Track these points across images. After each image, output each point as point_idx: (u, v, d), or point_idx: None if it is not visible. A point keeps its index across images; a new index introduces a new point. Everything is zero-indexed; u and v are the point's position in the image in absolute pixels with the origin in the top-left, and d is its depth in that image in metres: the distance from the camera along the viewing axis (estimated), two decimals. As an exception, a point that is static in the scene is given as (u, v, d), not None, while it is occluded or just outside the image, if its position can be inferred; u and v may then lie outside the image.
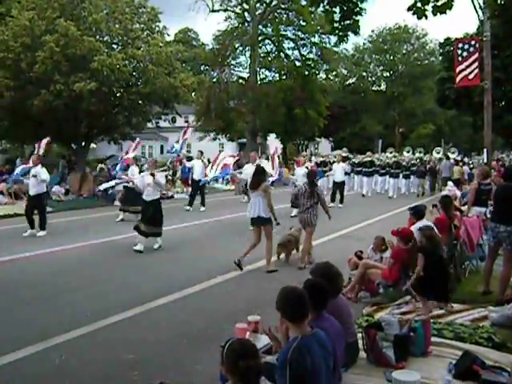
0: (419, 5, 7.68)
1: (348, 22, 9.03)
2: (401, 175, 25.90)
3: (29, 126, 25.41)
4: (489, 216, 7.98)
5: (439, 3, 7.66)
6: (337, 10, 8.98)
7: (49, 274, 9.05)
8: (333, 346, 3.66)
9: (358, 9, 8.95)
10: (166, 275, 9.05)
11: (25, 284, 8.39)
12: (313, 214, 9.62)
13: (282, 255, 10.04)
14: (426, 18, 7.90)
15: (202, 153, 19.80)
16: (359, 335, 4.99)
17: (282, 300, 3.64)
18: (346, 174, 22.71)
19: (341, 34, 9.41)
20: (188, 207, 18.27)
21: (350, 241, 11.99)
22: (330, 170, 25.56)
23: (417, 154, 31.36)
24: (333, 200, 19.57)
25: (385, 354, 4.75)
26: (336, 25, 9.20)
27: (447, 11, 7.70)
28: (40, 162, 13.44)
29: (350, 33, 9.47)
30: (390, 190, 24.94)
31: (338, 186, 20.33)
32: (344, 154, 27.21)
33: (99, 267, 9.61)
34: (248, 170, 14.15)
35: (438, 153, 30.60)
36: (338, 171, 20.62)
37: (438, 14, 7.76)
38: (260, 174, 9.87)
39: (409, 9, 7.88)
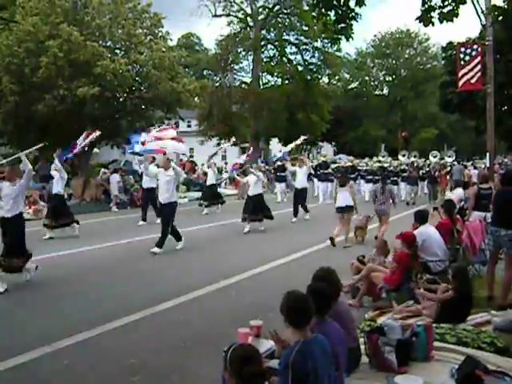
0: (425, 12, 7.72)
1: (342, 25, 9.06)
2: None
3: (32, 131, 25.46)
4: (489, 221, 7.96)
5: (445, 10, 7.69)
6: (332, 13, 9.02)
7: (50, 279, 9.06)
8: (335, 351, 3.66)
9: (353, 14, 8.98)
10: (169, 279, 9.05)
11: (26, 288, 8.41)
12: (387, 205, 12.24)
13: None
14: (433, 25, 7.95)
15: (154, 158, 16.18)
16: (361, 340, 4.99)
17: (287, 304, 3.64)
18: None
19: (334, 36, 9.48)
20: (141, 222, 16.13)
21: (352, 245, 12.00)
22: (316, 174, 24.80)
23: (412, 159, 29.67)
24: (295, 213, 16.74)
25: (387, 359, 4.74)
26: (330, 27, 9.26)
27: (454, 19, 7.74)
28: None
29: (342, 37, 9.53)
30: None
31: (300, 194, 17.11)
32: (323, 158, 26.67)
33: (101, 272, 9.62)
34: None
35: (435, 157, 29.93)
36: (300, 176, 17.35)
37: (445, 21, 7.80)
38: (344, 174, 15.72)
39: (417, 19, 7.93)
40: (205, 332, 6.20)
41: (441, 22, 7.83)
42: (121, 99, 26.72)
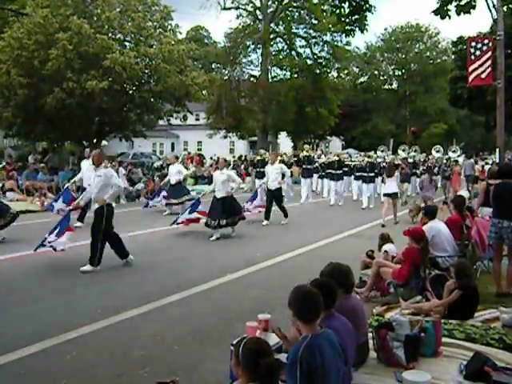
0: (443, 5, 7.70)
1: (356, 16, 9.04)
2: (377, 179, 21.05)
3: (41, 124, 25.61)
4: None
5: (462, 3, 7.66)
6: (345, 5, 9.00)
7: (59, 270, 9.12)
8: (343, 346, 3.66)
9: (367, 5, 8.96)
10: (177, 273, 9.08)
11: (36, 279, 8.46)
12: (432, 192, 15.25)
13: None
14: (450, 18, 7.92)
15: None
16: (370, 335, 4.98)
17: (296, 299, 3.62)
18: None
19: (348, 28, 9.43)
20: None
21: (361, 239, 12.00)
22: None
23: (411, 153, 28.08)
24: (267, 217, 14.69)
25: (395, 354, 4.73)
26: (343, 19, 9.23)
27: (471, 11, 7.71)
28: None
29: (357, 29, 9.48)
30: (363, 198, 19.93)
31: (273, 196, 14.84)
32: (305, 153, 23.26)
33: (110, 263, 9.65)
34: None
35: (438, 151, 29.53)
36: (272, 175, 14.89)
37: (462, 13, 7.77)
38: (392, 166, 16.92)
39: (434, 11, 7.90)
40: (213, 325, 6.22)
41: (458, 15, 7.82)
42: (130, 92, 26.78)
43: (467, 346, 5.16)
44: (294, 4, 41.67)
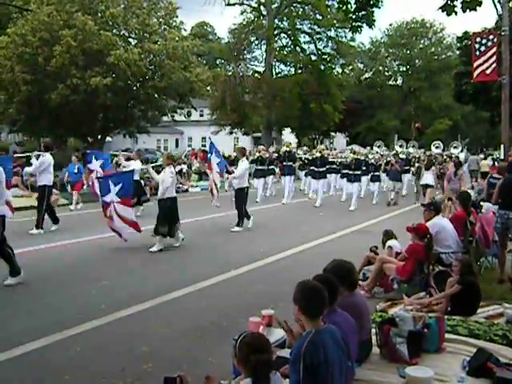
0: (449, 1, 7.67)
1: (363, 12, 9.02)
2: (364, 178, 19.46)
3: (45, 120, 25.68)
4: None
5: (468, -1, 7.64)
6: (352, 1, 8.98)
7: (62, 266, 9.13)
8: (346, 341, 3.66)
9: (374, 0, 8.93)
10: (180, 268, 9.10)
11: (40, 275, 8.48)
12: (458, 185, 14.74)
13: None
14: (456, 14, 7.91)
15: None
16: (373, 331, 4.99)
17: (301, 294, 3.61)
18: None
19: (355, 24, 9.38)
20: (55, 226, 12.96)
21: (365, 236, 11.98)
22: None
23: (411, 149, 27.19)
24: (242, 219, 13.03)
25: (398, 350, 4.73)
26: (350, 15, 9.19)
27: (477, 8, 7.69)
28: None
29: (364, 25, 9.45)
30: (353, 199, 17.83)
31: (239, 196, 13.11)
32: (286, 148, 21.32)
33: (113, 260, 9.68)
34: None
35: (437, 147, 29.21)
36: (238, 173, 13.10)
37: (468, 10, 7.75)
38: (431, 162, 18.80)
39: (440, 8, 7.87)
40: (216, 321, 6.23)
41: (464, 11, 7.80)
42: (134, 88, 26.80)
43: (470, 342, 5.16)
44: (299, 0, 41.59)
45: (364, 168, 19.15)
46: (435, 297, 6.36)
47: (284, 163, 20.53)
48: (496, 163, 25.64)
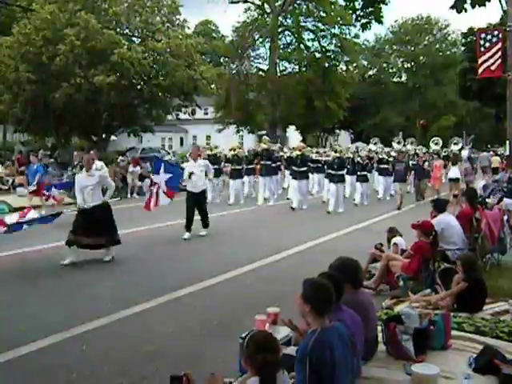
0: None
1: (370, 9, 9.02)
2: (351, 178, 18.12)
3: (50, 119, 25.71)
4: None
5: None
6: None
7: (69, 265, 9.13)
8: (352, 339, 3.66)
9: None
10: (186, 267, 9.10)
11: (45, 274, 8.50)
12: (473, 177, 17.27)
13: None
14: (466, 11, 7.92)
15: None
16: (379, 328, 4.97)
17: (309, 291, 3.61)
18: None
19: (363, 21, 9.39)
20: None
21: (369, 233, 11.97)
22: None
23: (408, 146, 26.47)
24: (188, 227, 11.62)
25: (404, 347, 4.72)
26: (358, 12, 9.21)
27: (486, 3, 7.70)
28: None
29: (373, 21, 9.46)
30: (330, 200, 16.28)
31: (195, 200, 11.74)
32: (263, 145, 19.28)
33: (117, 259, 9.68)
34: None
35: (436, 144, 29.12)
36: (195, 174, 11.58)
37: (477, 6, 7.76)
38: (456, 156, 20.62)
39: (452, 7, 7.90)
40: (221, 319, 6.23)
41: (473, 7, 7.83)
42: (138, 87, 26.82)
43: (476, 339, 5.14)
44: (302, -3, 41.54)
45: (349, 166, 17.80)
46: (441, 295, 6.34)
47: (262, 162, 18.73)
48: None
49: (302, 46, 43.50)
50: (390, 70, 63.75)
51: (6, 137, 41.05)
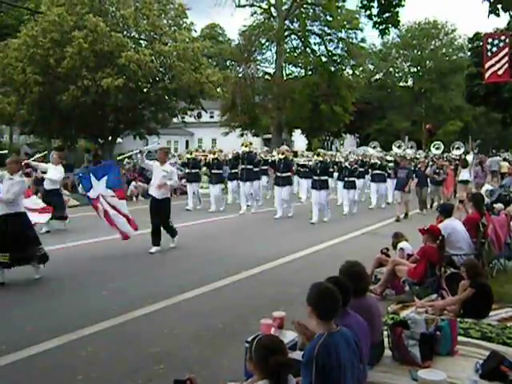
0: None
1: (387, 14, 9.02)
2: (337, 184, 17.51)
3: (56, 121, 25.79)
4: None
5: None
6: (375, 4, 8.98)
7: (74, 268, 9.15)
8: (358, 344, 3.65)
9: (397, 1, 8.94)
10: (192, 270, 9.09)
11: (51, 276, 8.51)
12: (483, 180, 18.12)
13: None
14: (499, 15, 8.05)
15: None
16: (385, 333, 4.96)
17: (316, 296, 3.60)
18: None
19: (381, 27, 9.36)
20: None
21: (376, 237, 11.95)
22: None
23: (408, 151, 25.92)
24: (155, 243, 10.53)
25: (410, 353, 4.71)
26: (375, 19, 9.19)
27: None
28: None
29: (390, 26, 9.44)
30: (314, 210, 14.81)
31: (158, 208, 10.63)
32: (245, 148, 17.11)
33: (125, 261, 9.70)
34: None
35: (437, 148, 29.05)
36: (157, 179, 10.67)
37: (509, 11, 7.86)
38: (465, 160, 20.31)
39: (490, 13, 8.02)
40: (228, 322, 6.22)
41: (505, 12, 7.94)
42: (144, 90, 26.88)
43: (483, 345, 5.13)
44: (309, 1, 41.53)
45: (333, 170, 16.94)
46: (447, 301, 6.32)
47: (242, 167, 17.09)
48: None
49: (308, 49, 43.51)
50: (397, 75, 63.60)
51: (13, 138, 41.20)
